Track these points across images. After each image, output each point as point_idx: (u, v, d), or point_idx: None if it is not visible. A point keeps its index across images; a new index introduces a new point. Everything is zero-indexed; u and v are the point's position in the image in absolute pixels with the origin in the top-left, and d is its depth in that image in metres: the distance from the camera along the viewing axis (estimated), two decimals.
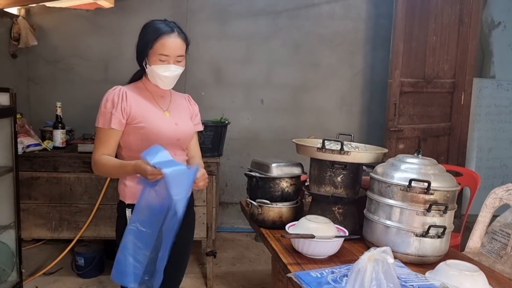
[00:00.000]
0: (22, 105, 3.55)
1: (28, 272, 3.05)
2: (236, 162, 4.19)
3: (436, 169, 1.59)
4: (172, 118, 1.78)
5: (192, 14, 3.96)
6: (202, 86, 4.07)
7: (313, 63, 4.15)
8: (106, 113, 1.67)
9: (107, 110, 1.66)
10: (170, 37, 1.67)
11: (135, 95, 1.72)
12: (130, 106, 1.68)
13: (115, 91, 1.69)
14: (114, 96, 1.68)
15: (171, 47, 1.68)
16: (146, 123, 1.68)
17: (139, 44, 1.73)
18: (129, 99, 1.69)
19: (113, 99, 1.67)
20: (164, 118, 1.75)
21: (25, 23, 3.57)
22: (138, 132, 1.69)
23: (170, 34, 1.67)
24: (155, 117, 1.72)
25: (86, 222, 2.98)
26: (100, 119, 1.68)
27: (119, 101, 1.67)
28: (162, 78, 1.71)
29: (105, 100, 1.69)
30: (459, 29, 3.83)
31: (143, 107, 1.72)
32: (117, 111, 1.66)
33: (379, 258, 1.04)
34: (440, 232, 1.52)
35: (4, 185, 2.60)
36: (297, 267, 1.48)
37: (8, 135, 2.56)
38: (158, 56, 1.67)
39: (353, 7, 4.12)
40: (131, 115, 1.68)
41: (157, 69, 1.69)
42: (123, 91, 1.69)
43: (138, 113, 1.69)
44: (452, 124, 3.97)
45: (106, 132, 1.68)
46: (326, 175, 1.81)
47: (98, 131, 1.70)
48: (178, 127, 1.77)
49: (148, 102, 1.75)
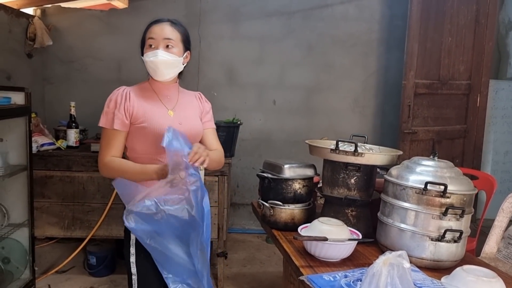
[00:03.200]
0: (37, 105, 3.58)
1: (41, 270, 3.07)
2: (247, 163, 4.18)
3: (453, 172, 1.56)
4: (176, 117, 1.74)
5: (205, 14, 3.97)
6: (215, 87, 4.07)
7: (326, 64, 4.13)
8: (109, 113, 1.66)
9: (110, 110, 1.66)
10: (159, 23, 1.69)
11: (139, 95, 1.71)
12: (133, 106, 1.67)
13: (119, 91, 1.69)
14: (117, 96, 1.67)
15: (157, 30, 1.67)
16: (148, 123, 1.66)
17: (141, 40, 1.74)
18: (132, 99, 1.68)
19: (116, 99, 1.66)
20: (167, 118, 1.71)
21: (40, 23, 3.61)
22: (141, 132, 1.67)
23: (161, 22, 1.69)
24: (158, 117, 1.69)
25: (98, 221, 2.99)
26: (103, 119, 1.67)
27: (122, 101, 1.66)
28: (150, 65, 1.68)
29: (108, 100, 1.68)
30: (475, 30, 3.77)
31: (146, 107, 1.69)
32: (120, 112, 1.65)
33: (395, 262, 1.01)
34: (457, 236, 1.48)
35: (19, 183, 2.63)
36: (310, 270, 1.46)
37: (23, 134, 2.58)
38: (147, 43, 1.68)
39: (367, 8, 4.08)
40: (133, 115, 1.67)
41: (145, 56, 1.68)
42: (126, 91, 1.68)
43: (141, 113, 1.67)
44: (468, 126, 3.91)
45: (110, 132, 1.66)
46: (340, 177, 1.78)
47: (102, 131, 1.69)
48: (182, 126, 1.71)
49: (152, 101, 1.72)
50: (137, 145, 1.69)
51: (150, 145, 1.66)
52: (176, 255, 1.59)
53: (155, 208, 1.51)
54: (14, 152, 2.60)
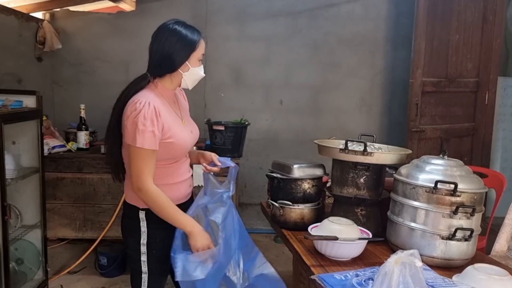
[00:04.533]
0: (47, 107, 3.62)
1: (53, 271, 3.11)
2: (255, 163, 4.19)
3: (463, 171, 1.56)
4: (188, 126, 1.75)
5: (211, 15, 3.99)
6: (221, 87, 4.09)
7: (332, 64, 4.13)
8: (146, 131, 1.53)
9: (147, 129, 1.54)
10: (203, 39, 1.69)
11: (161, 108, 1.61)
12: (163, 123, 1.59)
13: (150, 107, 1.55)
14: (151, 114, 1.55)
15: (204, 48, 1.70)
16: (174, 138, 1.63)
17: (178, 50, 1.63)
18: (161, 115, 1.59)
19: (152, 118, 1.54)
20: (184, 129, 1.71)
21: (50, 27, 3.66)
22: (167, 146, 1.62)
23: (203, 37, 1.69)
24: (179, 130, 1.67)
25: (109, 222, 3.03)
26: (139, 138, 1.53)
27: (155, 119, 1.55)
28: (197, 79, 1.71)
29: (142, 117, 1.53)
30: (483, 27, 3.75)
31: (169, 121, 1.63)
32: (157, 130, 1.56)
33: (407, 261, 1.02)
34: (467, 235, 1.49)
35: (31, 185, 2.66)
36: (321, 269, 1.47)
37: (35, 137, 2.61)
38: (199, 57, 1.67)
39: (373, 6, 4.08)
40: (163, 131, 1.60)
41: (199, 70, 1.69)
42: (156, 107, 1.57)
43: (166, 129, 1.61)
44: (476, 124, 3.89)
45: (149, 153, 1.56)
46: (349, 177, 1.79)
47: (137, 152, 1.55)
48: (193, 135, 1.76)
49: (169, 112, 1.67)
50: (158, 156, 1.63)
51: (171, 157, 1.67)
52: None
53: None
54: (26, 154, 2.63)
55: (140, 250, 1.71)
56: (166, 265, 1.69)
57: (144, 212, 1.68)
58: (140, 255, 1.71)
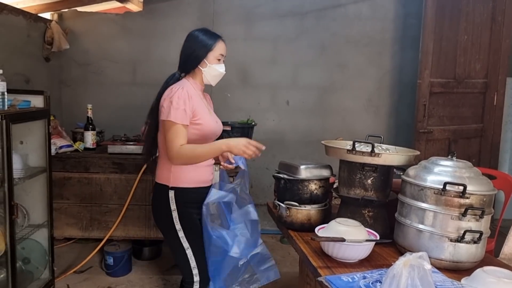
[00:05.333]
0: (55, 107, 3.64)
1: (60, 270, 3.12)
2: (261, 163, 4.18)
3: (472, 172, 1.54)
4: (213, 116, 2.07)
5: (218, 16, 3.99)
6: (228, 88, 4.09)
7: (339, 64, 4.12)
8: (179, 109, 1.84)
9: (180, 107, 1.85)
10: (223, 42, 2.03)
11: (193, 94, 1.93)
12: (193, 105, 1.90)
13: (183, 91, 1.88)
14: (185, 95, 1.87)
15: (225, 48, 2.04)
16: (203, 121, 1.93)
17: (197, 49, 1.97)
18: (192, 98, 1.90)
19: (184, 98, 1.86)
20: (210, 117, 2.02)
21: (58, 27, 3.67)
22: (195, 128, 1.92)
23: (221, 39, 2.03)
24: (207, 116, 1.98)
25: (116, 222, 3.03)
26: (173, 114, 1.84)
27: (187, 100, 1.87)
28: (218, 76, 2.04)
29: (176, 97, 1.85)
30: (492, 28, 3.72)
31: (199, 106, 1.94)
32: (188, 109, 1.87)
33: (415, 264, 1.01)
34: (476, 237, 1.47)
35: (38, 185, 2.67)
36: (327, 270, 1.46)
37: (42, 136, 2.63)
38: (217, 56, 2.00)
39: (380, 7, 4.06)
40: (193, 113, 1.91)
41: (217, 67, 2.01)
42: (188, 92, 1.89)
43: (196, 111, 1.92)
44: (484, 125, 3.86)
45: (179, 127, 1.85)
46: (356, 178, 1.78)
47: (171, 125, 1.85)
48: (218, 125, 2.07)
49: (199, 100, 1.98)
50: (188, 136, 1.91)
51: (199, 137, 1.94)
52: None
53: None
54: (33, 154, 2.64)
55: (176, 227, 1.94)
56: (201, 238, 1.96)
57: (173, 191, 1.94)
58: (177, 232, 1.94)
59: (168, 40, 3.94)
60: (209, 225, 1.94)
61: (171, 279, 3.16)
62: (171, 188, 1.95)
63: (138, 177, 3.00)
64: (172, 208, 1.94)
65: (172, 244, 2.00)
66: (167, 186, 1.95)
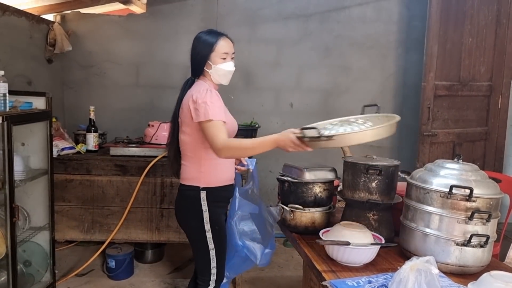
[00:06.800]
0: (57, 109, 3.63)
1: (61, 273, 3.10)
2: (265, 166, 4.16)
3: (478, 175, 1.52)
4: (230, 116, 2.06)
5: (222, 18, 3.98)
6: (232, 90, 4.07)
7: (343, 67, 4.10)
8: (216, 107, 1.85)
9: (216, 105, 1.85)
10: (225, 38, 1.99)
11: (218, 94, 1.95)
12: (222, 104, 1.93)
13: (212, 91, 1.89)
14: (216, 95, 1.90)
15: (229, 46, 1.99)
16: (227, 119, 1.93)
17: (200, 52, 1.96)
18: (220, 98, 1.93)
19: (216, 97, 1.89)
20: (230, 115, 2.05)
21: (60, 29, 3.67)
22: None
23: (224, 37, 1.99)
24: (229, 114, 2.01)
25: (118, 224, 3.01)
26: (212, 112, 1.82)
27: (219, 99, 1.90)
28: (227, 74, 2.00)
29: (209, 96, 1.85)
30: (496, 31, 3.70)
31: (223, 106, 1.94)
32: (223, 107, 1.91)
33: (422, 268, 0.99)
34: (483, 241, 1.45)
35: (40, 187, 2.66)
36: (332, 274, 1.44)
37: (44, 138, 2.62)
38: (220, 55, 1.96)
39: (384, 9, 4.04)
40: None
41: (223, 66, 1.97)
42: (216, 92, 1.92)
43: (223, 110, 1.93)
44: (489, 128, 3.83)
45: (219, 123, 1.83)
46: (361, 181, 1.76)
47: (209, 124, 1.82)
48: (235, 124, 2.09)
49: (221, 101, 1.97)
50: None
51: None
52: None
53: None
54: (35, 156, 2.63)
55: (205, 228, 1.94)
56: (225, 239, 2.00)
57: (205, 192, 1.94)
58: (205, 233, 1.95)
59: (171, 42, 3.93)
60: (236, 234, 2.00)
61: (173, 282, 3.14)
62: (203, 189, 1.95)
63: (141, 180, 2.98)
64: (204, 209, 1.94)
65: (197, 244, 2.01)
66: (198, 187, 1.95)
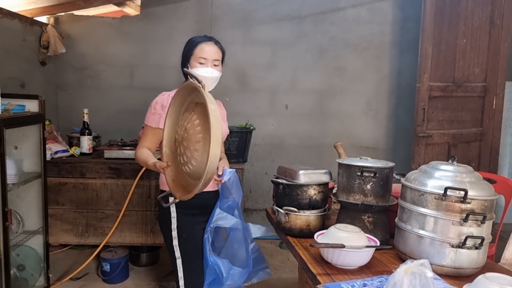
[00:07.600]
0: (50, 112, 3.61)
1: (55, 277, 3.08)
2: (260, 168, 4.16)
3: (473, 177, 1.52)
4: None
5: (216, 20, 3.97)
6: (227, 92, 4.06)
7: (338, 68, 4.10)
8: (156, 114, 1.89)
9: (157, 112, 1.89)
10: (207, 44, 1.95)
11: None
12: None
13: (164, 96, 1.92)
14: (163, 100, 1.90)
15: (209, 51, 1.93)
16: None
17: (183, 55, 1.96)
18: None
19: (162, 103, 1.89)
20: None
21: (54, 31, 3.65)
22: None
23: (207, 42, 1.95)
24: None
25: (112, 228, 3.00)
26: (149, 118, 1.91)
27: (167, 105, 1.83)
28: (205, 80, 1.84)
29: (154, 102, 1.92)
30: (490, 31, 3.71)
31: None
32: (164, 113, 1.82)
33: (417, 271, 0.98)
34: (478, 243, 1.44)
35: (33, 191, 2.64)
36: (327, 277, 1.43)
37: (37, 142, 2.60)
38: (198, 59, 1.92)
39: (379, 10, 4.05)
40: None
41: (199, 71, 1.91)
42: (170, 96, 1.87)
43: None
44: (484, 129, 3.83)
45: (153, 130, 1.90)
46: (355, 183, 1.75)
47: (146, 128, 1.94)
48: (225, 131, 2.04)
49: None
50: None
51: None
52: None
53: None
54: (28, 159, 2.61)
55: (172, 235, 1.90)
56: (198, 250, 1.88)
57: (173, 197, 1.81)
58: (172, 241, 1.90)
59: (165, 44, 3.92)
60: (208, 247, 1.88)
61: (168, 285, 3.12)
62: (171, 194, 1.81)
63: (135, 183, 2.96)
64: (172, 215, 1.90)
65: (169, 251, 1.97)
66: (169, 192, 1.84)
